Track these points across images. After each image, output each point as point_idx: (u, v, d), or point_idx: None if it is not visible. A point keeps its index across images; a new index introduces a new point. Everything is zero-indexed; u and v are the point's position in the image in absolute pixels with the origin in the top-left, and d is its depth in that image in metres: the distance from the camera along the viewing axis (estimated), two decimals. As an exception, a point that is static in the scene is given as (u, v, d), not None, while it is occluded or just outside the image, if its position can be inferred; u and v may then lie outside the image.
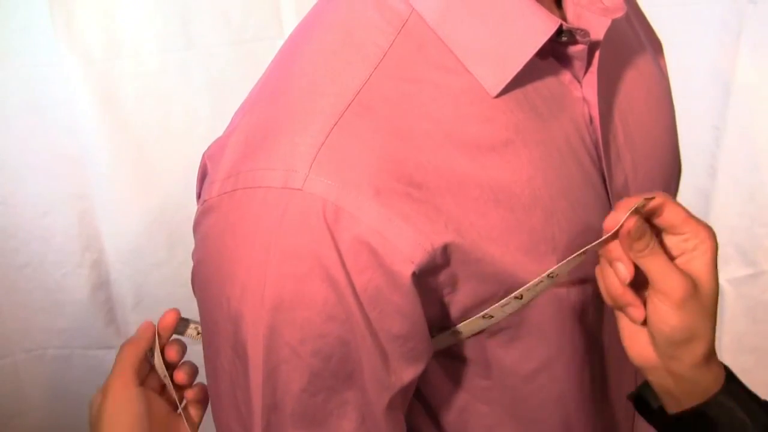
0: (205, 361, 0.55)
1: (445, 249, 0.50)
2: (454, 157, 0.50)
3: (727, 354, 1.47)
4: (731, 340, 1.46)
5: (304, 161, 0.48)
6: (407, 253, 0.48)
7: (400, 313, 0.50)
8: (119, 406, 0.62)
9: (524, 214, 0.52)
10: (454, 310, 0.53)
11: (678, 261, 0.53)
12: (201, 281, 0.53)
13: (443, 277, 0.51)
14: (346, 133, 0.49)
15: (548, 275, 0.52)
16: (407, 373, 0.52)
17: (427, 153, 0.50)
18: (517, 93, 0.53)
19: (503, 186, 0.52)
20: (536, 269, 0.53)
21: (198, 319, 0.56)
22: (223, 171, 0.51)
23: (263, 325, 0.48)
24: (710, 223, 0.54)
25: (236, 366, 0.51)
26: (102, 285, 1.40)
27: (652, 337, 0.53)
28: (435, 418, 0.60)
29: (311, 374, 0.49)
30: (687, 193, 0.75)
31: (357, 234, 0.47)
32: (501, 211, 0.51)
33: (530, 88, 0.54)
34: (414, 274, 0.49)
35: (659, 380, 0.54)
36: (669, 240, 0.53)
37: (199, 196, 0.57)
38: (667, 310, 0.51)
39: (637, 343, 0.54)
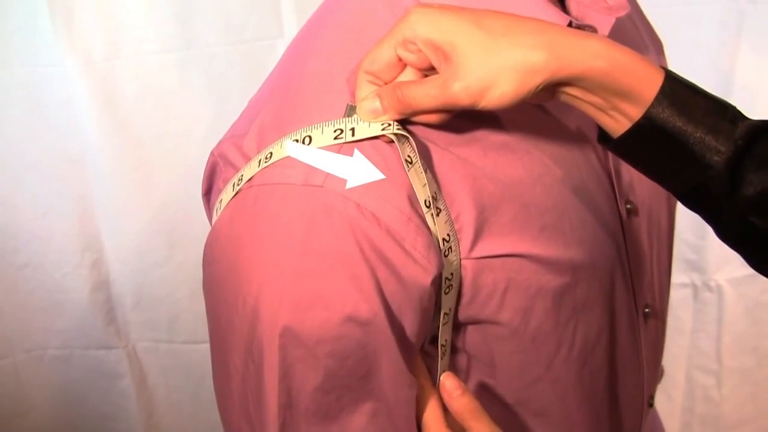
0: (214, 359, 0.55)
1: None
2: (467, 153, 0.51)
3: (727, 354, 1.47)
4: (731, 340, 1.46)
5: None
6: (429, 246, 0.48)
7: (422, 307, 0.49)
8: None
9: (536, 210, 0.52)
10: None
11: None
12: (214, 281, 0.53)
13: None
14: None
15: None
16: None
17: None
18: None
19: (515, 182, 0.52)
20: None
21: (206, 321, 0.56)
22: (239, 169, 0.51)
23: (280, 325, 0.48)
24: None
25: (249, 366, 0.51)
26: (102, 285, 1.40)
27: None
28: None
29: (326, 374, 0.49)
30: (687, 193, 0.75)
31: (379, 231, 0.47)
32: (514, 206, 0.52)
33: None
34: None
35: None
36: None
37: (206, 193, 0.56)
38: None
39: None
